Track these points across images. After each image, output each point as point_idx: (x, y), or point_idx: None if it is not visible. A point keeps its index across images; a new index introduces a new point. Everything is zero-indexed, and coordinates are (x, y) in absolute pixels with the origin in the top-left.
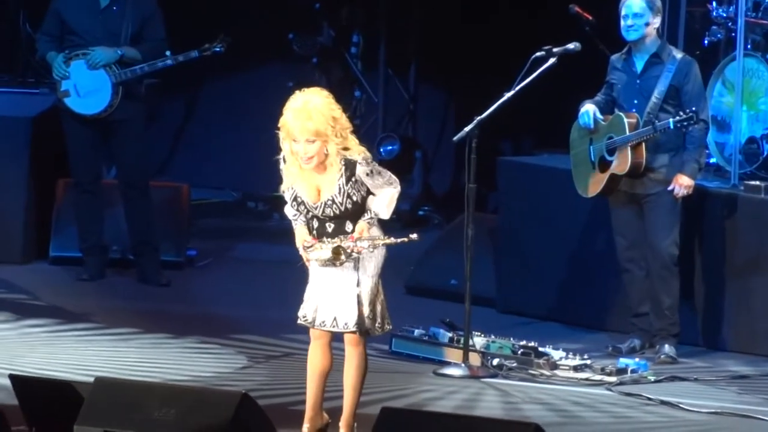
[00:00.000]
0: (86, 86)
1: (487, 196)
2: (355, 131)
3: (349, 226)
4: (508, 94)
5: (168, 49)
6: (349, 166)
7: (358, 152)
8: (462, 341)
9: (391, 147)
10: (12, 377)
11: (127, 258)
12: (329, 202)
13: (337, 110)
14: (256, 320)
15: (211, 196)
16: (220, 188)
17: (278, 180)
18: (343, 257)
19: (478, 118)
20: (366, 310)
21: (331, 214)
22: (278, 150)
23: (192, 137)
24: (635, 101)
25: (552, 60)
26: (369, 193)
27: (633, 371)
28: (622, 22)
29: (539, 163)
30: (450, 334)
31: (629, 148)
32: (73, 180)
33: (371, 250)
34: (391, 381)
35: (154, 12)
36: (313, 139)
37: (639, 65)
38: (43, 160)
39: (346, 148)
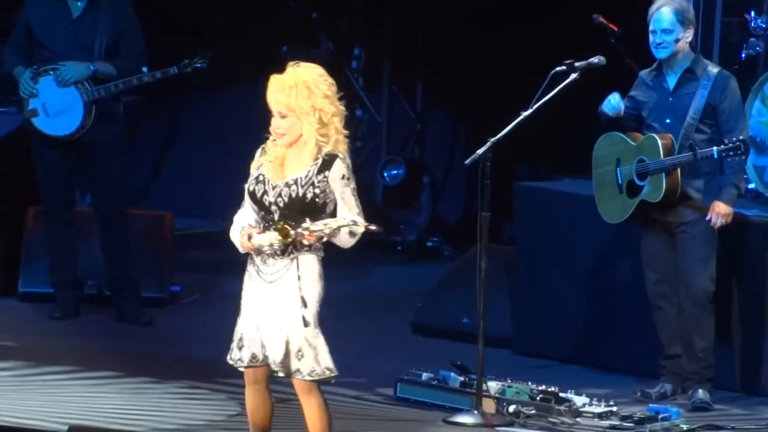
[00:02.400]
0: (56, 105)
1: (503, 225)
2: (357, 154)
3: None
4: (525, 113)
5: (146, 65)
6: (328, 160)
7: (341, 152)
8: (475, 386)
9: (396, 171)
10: None
11: (103, 294)
12: (291, 183)
13: (325, 91)
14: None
15: (196, 226)
16: (206, 217)
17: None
18: (291, 238)
19: (492, 139)
20: (294, 348)
21: (286, 199)
22: None
23: (175, 161)
24: (667, 121)
25: (574, 75)
26: (334, 207)
27: (664, 419)
28: (651, 38)
29: (560, 189)
30: (462, 378)
31: (663, 174)
32: (44, 208)
33: (324, 234)
34: (396, 430)
35: (131, 23)
36: (285, 114)
37: (671, 82)
38: (10, 186)
39: (325, 136)
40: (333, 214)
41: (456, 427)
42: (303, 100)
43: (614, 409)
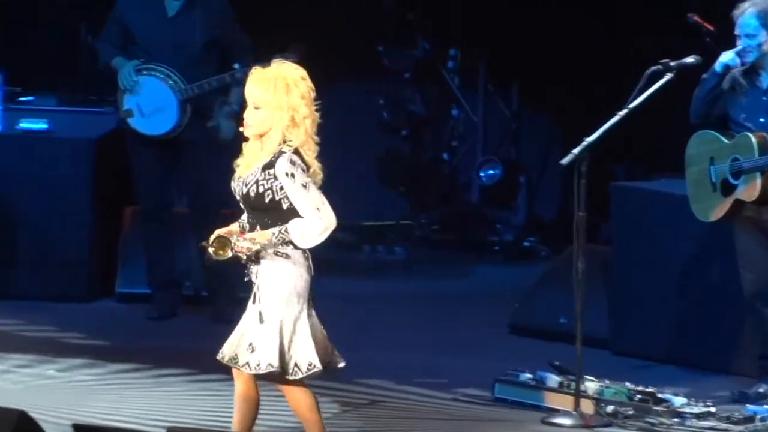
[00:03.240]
0: (151, 104)
1: (599, 225)
2: (453, 154)
3: (257, 229)
4: (621, 113)
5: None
6: (275, 157)
7: (295, 149)
8: (573, 386)
9: (492, 171)
10: (75, 427)
11: (200, 295)
12: (241, 181)
13: (303, 92)
14: (346, 363)
15: None
16: None
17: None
18: (228, 252)
19: (588, 139)
20: (246, 342)
21: (240, 195)
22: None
23: None
24: (761, 120)
25: (669, 75)
26: (290, 204)
27: (762, 419)
28: (737, 41)
29: (656, 189)
30: (559, 379)
31: (759, 173)
32: (141, 208)
33: (248, 252)
34: (494, 431)
35: (231, 23)
36: (258, 107)
37: (764, 81)
38: (108, 186)
39: (294, 135)
40: (295, 212)
41: (554, 428)
42: (279, 96)
43: (713, 409)
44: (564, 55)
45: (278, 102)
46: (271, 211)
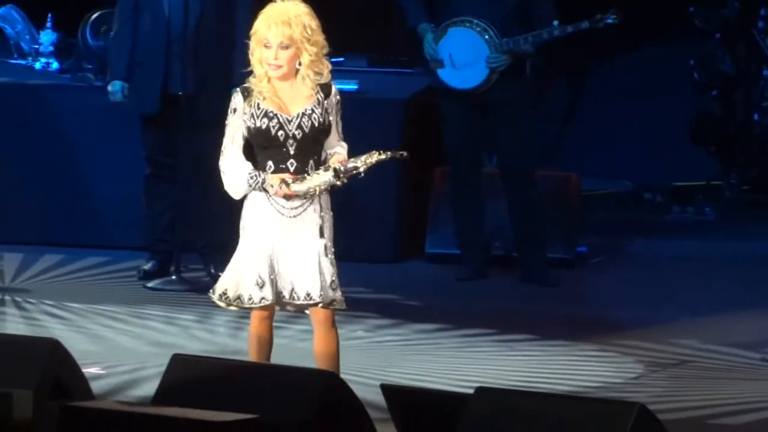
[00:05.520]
0: (463, 57)
1: None
2: (763, 114)
3: (310, 164)
4: None
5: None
6: (326, 86)
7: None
8: None
9: None
10: (384, 387)
11: (510, 255)
12: (308, 113)
13: (316, 23)
14: (652, 323)
15: (603, 187)
16: (613, 178)
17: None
18: (340, 181)
19: None
20: (328, 279)
21: (306, 130)
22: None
23: (581, 121)
24: None
25: None
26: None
27: None
28: None
29: None
30: None
31: None
32: (451, 169)
33: (363, 169)
34: None
35: None
36: (287, 45)
37: None
38: (417, 146)
39: (319, 69)
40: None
41: None
42: (306, 32)
43: None
44: None
45: (306, 38)
46: (321, 142)
